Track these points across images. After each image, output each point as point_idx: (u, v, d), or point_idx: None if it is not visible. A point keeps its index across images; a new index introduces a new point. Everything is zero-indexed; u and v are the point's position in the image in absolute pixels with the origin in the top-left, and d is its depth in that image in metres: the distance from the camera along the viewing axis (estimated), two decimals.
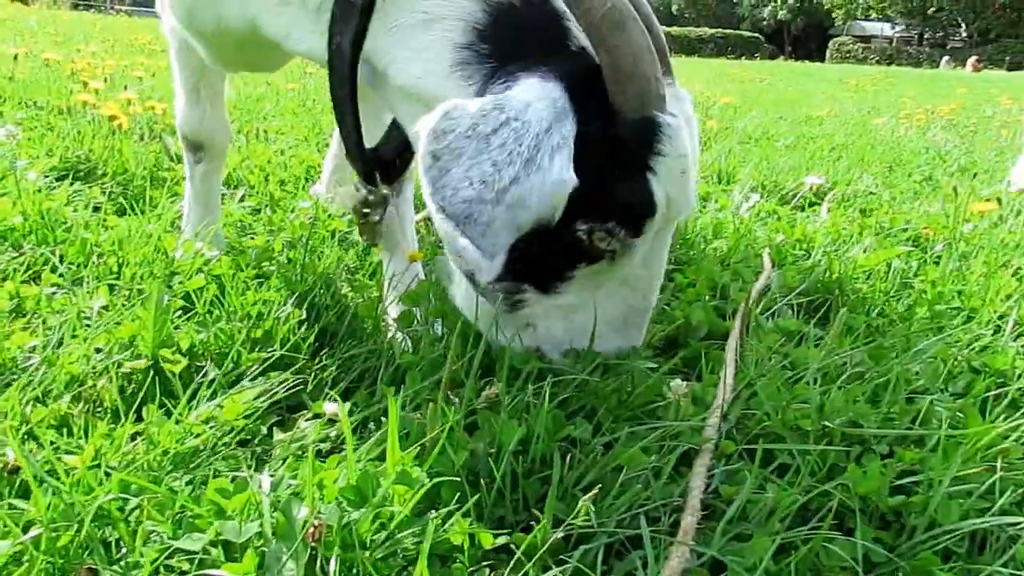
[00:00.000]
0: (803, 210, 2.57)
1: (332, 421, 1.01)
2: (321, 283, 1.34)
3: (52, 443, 0.87)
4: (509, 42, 0.94)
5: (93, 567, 0.70)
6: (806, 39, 47.29)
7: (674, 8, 52.26)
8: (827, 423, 0.99)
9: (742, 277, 1.65)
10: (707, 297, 1.51)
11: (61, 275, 1.34)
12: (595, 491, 0.76)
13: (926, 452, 0.95)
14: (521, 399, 0.92)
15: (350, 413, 1.02)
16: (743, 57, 25.95)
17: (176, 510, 0.77)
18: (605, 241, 0.94)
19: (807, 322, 1.45)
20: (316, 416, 1.02)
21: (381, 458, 0.86)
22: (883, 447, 1.00)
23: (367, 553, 0.72)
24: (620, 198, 0.92)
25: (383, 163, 1.23)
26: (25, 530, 0.71)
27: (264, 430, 1.02)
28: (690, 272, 1.59)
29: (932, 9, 39.64)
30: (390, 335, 1.30)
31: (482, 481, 0.83)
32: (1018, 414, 1.03)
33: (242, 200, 2.03)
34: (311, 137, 3.07)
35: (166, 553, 0.72)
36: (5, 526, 0.72)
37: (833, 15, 45.12)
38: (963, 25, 40.23)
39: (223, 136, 1.60)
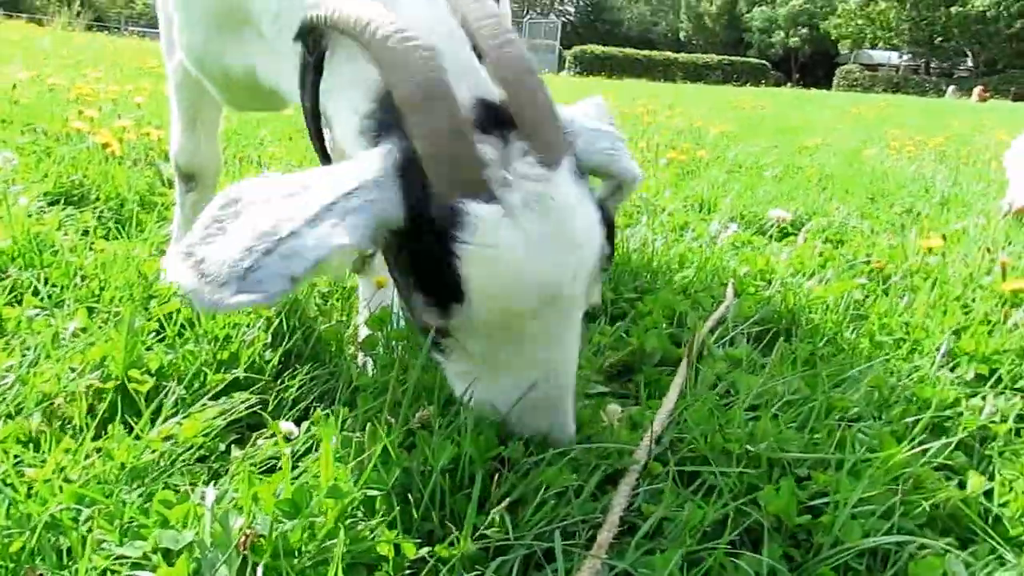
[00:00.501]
0: (780, 240, 2.63)
1: (288, 439, 1.07)
2: (290, 307, 1.41)
3: (16, 457, 0.94)
4: (396, 112, 0.92)
5: (42, 572, 0.76)
6: (813, 67, 47.61)
7: (682, 35, 52.76)
8: (750, 447, 1.05)
9: (701, 306, 1.72)
10: (664, 325, 1.57)
11: (43, 298, 1.41)
12: (507, 502, 0.82)
13: (840, 475, 1.00)
14: (457, 421, 0.99)
15: (307, 431, 1.08)
16: (748, 84, 26.17)
17: (125, 520, 0.83)
18: (426, 315, 0.91)
19: (759, 351, 1.51)
20: (278, 435, 1.09)
21: None
22: (803, 470, 1.06)
23: (295, 560, 0.78)
24: (425, 277, 0.89)
25: None
26: None
27: (223, 447, 1.08)
28: (649, 301, 1.65)
29: (939, 39, 39.91)
30: (359, 358, 1.37)
31: (412, 497, 0.89)
32: (920, 438, 1.09)
33: None
34: (304, 163, 3.16)
35: (112, 559, 0.78)
36: None
37: (840, 44, 45.47)
38: (969, 55, 40.49)
39: (215, 167, 1.72)
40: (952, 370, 1.45)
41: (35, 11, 32.42)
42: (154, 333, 1.32)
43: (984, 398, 1.35)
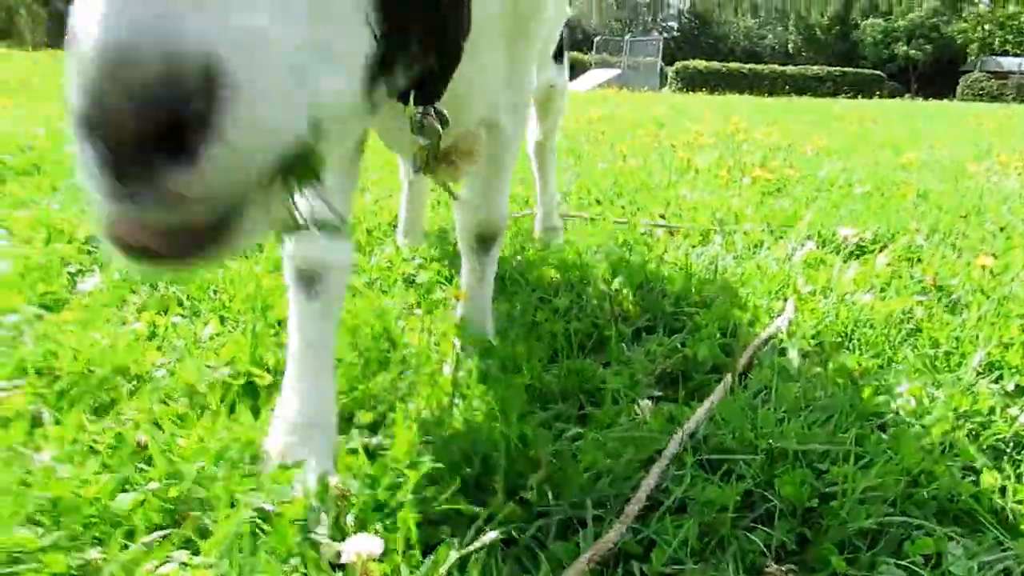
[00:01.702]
0: (856, 259, 2.68)
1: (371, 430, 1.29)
2: (379, 318, 1.64)
3: (171, 432, 1.19)
4: None
5: (192, 512, 1.00)
6: (935, 76, 45.37)
7: (790, 47, 51.49)
8: (773, 442, 1.19)
9: (759, 320, 1.84)
10: (717, 336, 1.71)
11: (185, 308, 1.70)
12: (544, 471, 1.00)
13: (850, 467, 1.12)
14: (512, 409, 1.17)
15: (392, 423, 1.30)
16: (860, 96, 25.27)
17: (252, 480, 1.06)
18: None
19: (808, 362, 1.62)
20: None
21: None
22: (825, 465, 1.18)
23: (378, 514, 0.99)
24: None
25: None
26: (147, 484, 1.02)
27: None
28: (706, 315, 1.79)
29: None
30: (445, 369, 1.58)
31: (471, 470, 1.08)
32: (949, 439, 1.20)
33: None
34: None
35: (241, 505, 1.01)
36: (136, 482, 1.03)
37: (967, 50, 43.13)
38: None
39: (343, 259, 1.24)
40: (995, 382, 1.52)
41: None
42: (273, 335, 1.57)
43: (1022, 407, 1.42)
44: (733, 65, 36.13)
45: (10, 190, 2.61)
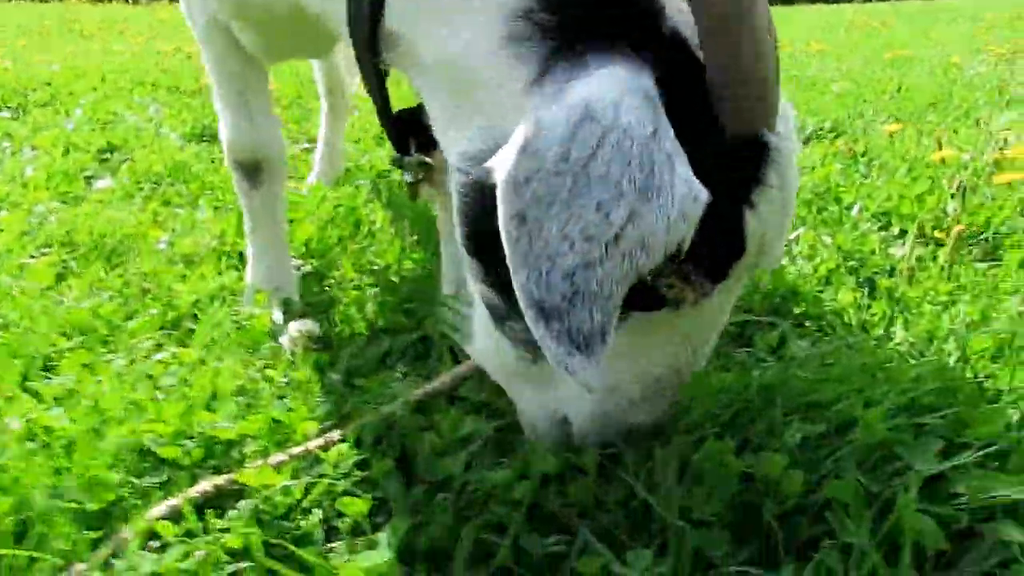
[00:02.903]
0: (811, 144, 2.87)
1: None
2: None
3: (169, 285, 1.46)
4: (579, 11, 0.69)
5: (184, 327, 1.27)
6: None
7: None
8: None
9: None
10: None
11: (185, 200, 1.96)
12: None
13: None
14: None
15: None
16: None
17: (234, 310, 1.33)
18: (675, 289, 0.72)
19: None
20: None
21: None
22: None
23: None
24: (707, 237, 0.67)
25: (416, 128, 1.01)
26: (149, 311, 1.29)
27: None
28: None
29: None
30: None
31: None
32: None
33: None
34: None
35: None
36: (140, 311, 1.30)
37: None
38: None
39: (280, 148, 1.35)
40: (885, 228, 1.74)
41: None
42: None
43: (902, 244, 1.64)
44: None
45: (32, 118, 2.87)
